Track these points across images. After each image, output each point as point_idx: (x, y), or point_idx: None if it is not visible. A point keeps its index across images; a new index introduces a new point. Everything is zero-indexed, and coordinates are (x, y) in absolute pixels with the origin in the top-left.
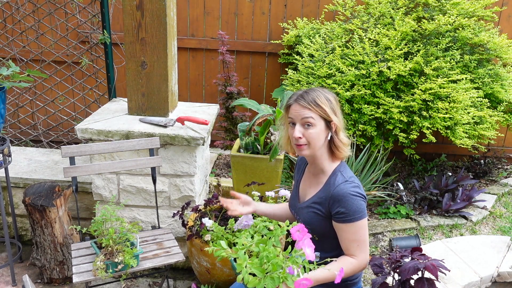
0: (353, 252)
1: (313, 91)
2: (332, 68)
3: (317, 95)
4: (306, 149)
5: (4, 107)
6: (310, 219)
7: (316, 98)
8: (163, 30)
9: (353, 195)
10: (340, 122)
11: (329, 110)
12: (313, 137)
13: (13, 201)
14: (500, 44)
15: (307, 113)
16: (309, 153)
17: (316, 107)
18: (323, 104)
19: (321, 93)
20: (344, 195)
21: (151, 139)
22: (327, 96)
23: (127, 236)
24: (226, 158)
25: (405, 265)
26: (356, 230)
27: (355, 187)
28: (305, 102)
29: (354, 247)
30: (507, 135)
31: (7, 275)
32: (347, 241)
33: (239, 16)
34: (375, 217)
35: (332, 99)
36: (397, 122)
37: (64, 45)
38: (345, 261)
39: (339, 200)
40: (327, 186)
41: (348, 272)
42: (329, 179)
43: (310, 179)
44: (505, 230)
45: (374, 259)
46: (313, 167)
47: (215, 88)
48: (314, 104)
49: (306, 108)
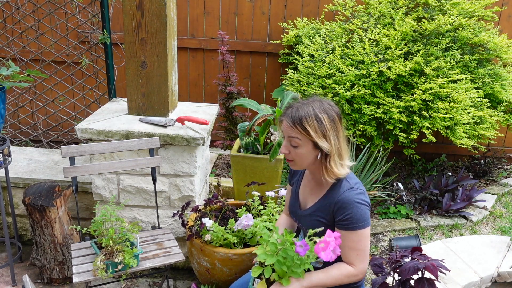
0: (352, 260)
1: (306, 107)
2: (332, 68)
3: (308, 114)
4: (293, 164)
5: (4, 107)
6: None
7: (304, 119)
8: (163, 30)
9: (358, 203)
10: (332, 147)
11: (316, 133)
12: (298, 156)
13: (13, 201)
14: (500, 44)
15: (292, 133)
16: (298, 168)
17: (301, 128)
18: (310, 127)
19: (313, 112)
20: (349, 202)
21: (151, 139)
22: (318, 116)
23: (127, 236)
24: (226, 158)
25: (405, 265)
26: (358, 239)
27: (360, 194)
28: (291, 121)
29: (354, 256)
30: (507, 135)
31: (7, 275)
32: (347, 249)
33: (239, 16)
34: (375, 217)
35: (325, 120)
36: (397, 122)
37: (64, 45)
38: (342, 267)
39: (344, 207)
40: (330, 192)
41: (344, 280)
42: (333, 185)
43: (310, 185)
44: (505, 230)
45: (374, 259)
46: (313, 175)
47: (215, 88)
48: (299, 125)
49: (291, 127)
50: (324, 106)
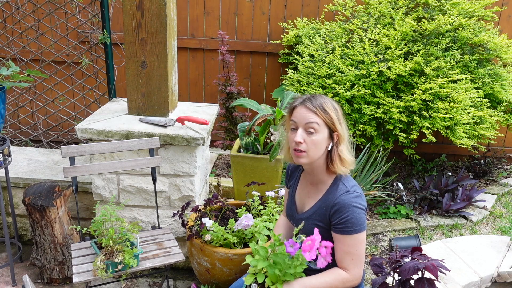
0: (347, 265)
1: (320, 97)
2: (332, 68)
3: (325, 101)
4: (304, 156)
5: (4, 107)
6: (310, 232)
7: (324, 104)
8: (163, 30)
9: (355, 207)
10: (344, 133)
11: (336, 118)
12: (314, 144)
13: (13, 201)
14: (500, 44)
15: (313, 117)
16: (307, 161)
17: (323, 112)
18: (330, 111)
19: (328, 101)
20: (345, 206)
21: (151, 139)
22: (333, 105)
23: (127, 236)
24: (226, 158)
25: (405, 265)
26: (353, 243)
27: (357, 197)
28: (312, 105)
29: (348, 260)
30: (507, 135)
31: (7, 275)
32: (342, 253)
33: (239, 16)
34: (375, 217)
35: (338, 109)
36: (397, 122)
37: (64, 45)
38: (337, 273)
39: (340, 210)
40: (327, 196)
41: (338, 285)
42: (330, 188)
43: (307, 188)
44: (505, 230)
45: (374, 259)
46: (310, 176)
47: (215, 88)
48: (321, 109)
49: (312, 112)
50: (331, 99)
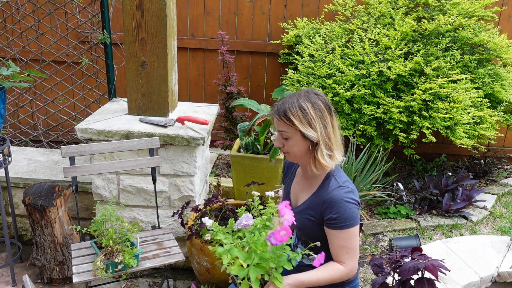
0: (343, 259)
1: (291, 99)
2: (332, 68)
3: (291, 105)
4: (289, 156)
5: (4, 107)
6: (303, 225)
7: (288, 110)
8: (163, 30)
9: (347, 202)
10: (319, 135)
11: (301, 123)
12: (291, 146)
13: (13, 201)
14: (500, 44)
15: (281, 126)
16: (292, 160)
17: (288, 120)
18: (294, 117)
19: (297, 102)
20: (337, 201)
21: (151, 139)
22: (302, 106)
23: (127, 236)
24: (226, 158)
25: (405, 265)
26: (347, 237)
27: (349, 193)
28: (277, 115)
29: (344, 254)
30: (507, 135)
31: (7, 275)
32: (337, 247)
33: (239, 16)
34: (375, 217)
35: (308, 108)
36: (397, 122)
37: (64, 45)
38: (334, 266)
39: (332, 206)
40: (320, 191)
41: (335, 278)
42: (322, 183)
43: (302, 182)
44: (505, 230)
45: (374, 259)
46: (304, 172)
47: (215, 88)
48: (284, 116)
49: (278, 120)
50: (310, 96)
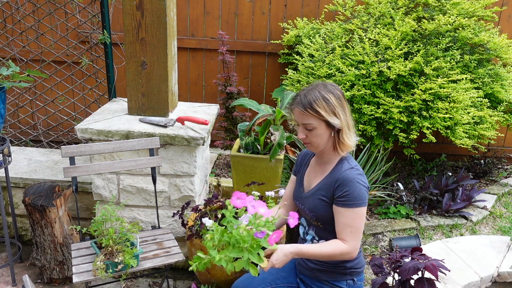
0: (345, 236)
1: (313, 91)
2: (332, 68)
3: (315, 97)
4: (311, 146)
5: (4, 107)
6: (314, 207)
7: (313, 102)
8: (163, 30)
9: (358, 182)
10: (342, 121)
11: (327, 112)
12: (315, 137)
13: (13, 201)
14: (500, 44)
15: (306, 119)
16: (314, 149)
17: (313, 111)
18: (320, 108)
19: (320, 93)
20: (349, 179)
21: (151, 139)
22: (325, 96)
23: (127, 236)
24: (226, 158)
25: (405, 265)
26: (353, 216)
27: (360, 175)
28: (302, 107)
29: (348, 232)
30: (507, 135)
31: (7, 275)
32: (342, 225)
33: (239, 16)
34: (375, 217)
35: (332, 99)
36: (397, 122)
37: (64, 45)
38: (335, 242)
39: (344, 184)
40: (333, 172)
41: (335, 254)
42: (336, 166)
43: (315, 169)
44: (505, 230)
45: (374, 259)
46: (319, 159)
47: (215, 88)
48: (311, 109)
49: (304, 114)
50: (328, 87)
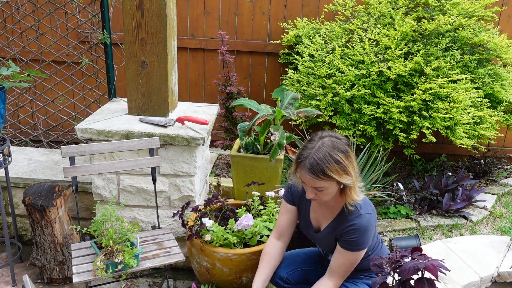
0: (336, 275)
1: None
2: (332, 68)
3: (327, 160)
4: (319, 200)
5: (4, 107)
6: (329, 246)
7: (326, 168)
8: (163, 30)
9: (366, 230)
10: (353, 178)
11: (339, 175)
12: (325, 196)
13: (13, 201)
14: (500, 44)
15: (318, 184)
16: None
17: (326, 177)
18: (333, 172)
19: (331, 156)
20: (356, 229)
21: (151, 139)
22: (337, 159)
23: (127, 236)
24: (226, 158)
25: (405, 265)
26: (353, 258)
27: (369, 219)
28: (315, 175)
29: (341, 271)
30: (507, 135)
31: (7, 275)
32: (339, 264)
33: (239, 16)
34: None
35: (342, 159)
36: (397, 122)
37: (64, 45)
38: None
39: (351, 233)
40: (340, 216)
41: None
42: (343, 209)
43: (321, 209)
44: (505, 230)
45: (374, 259)
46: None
47: (215, 88)
48: (324, 175)
49: (317, 179)
50: (335, 143)
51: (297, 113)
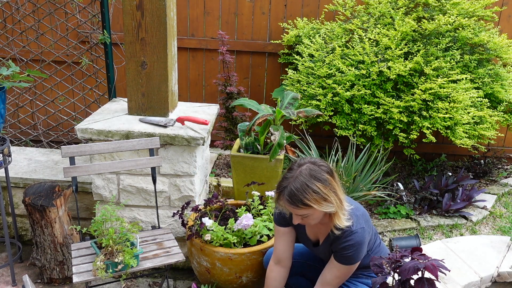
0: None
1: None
2: (332, 68)
3: (304, 192)
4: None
5: (4, 107)
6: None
7: (304, 198)
8: (163, 30)
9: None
10: (335, 205)
11: (319, 203)
12: (311, 220)
13: (13, 201)
14: (500, 44)
15: (299, 211)
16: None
17: (305, 206)
18: (312, 202)
19: (308, 188)
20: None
21: (151, 139)
22: (314, 188)
23: (127, 236)
24: (226, 158)
25: (405, 265)
26: (346, 271)
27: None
28: (293, 205)
29: (334, 283)
30: (507, 135)
31: (7, 275)
32: (334, 276)
33: (239, 16)
34: (375, 217)
35: (320, 188)
36: (397, 122)
37: (64, 45)
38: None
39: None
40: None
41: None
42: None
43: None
44: (505, 230)
45: (374, 259)
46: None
47: (215, 88)
48: (302, 204)
49: (296, 208)
50: (313, 172)
51: (297, 113)
